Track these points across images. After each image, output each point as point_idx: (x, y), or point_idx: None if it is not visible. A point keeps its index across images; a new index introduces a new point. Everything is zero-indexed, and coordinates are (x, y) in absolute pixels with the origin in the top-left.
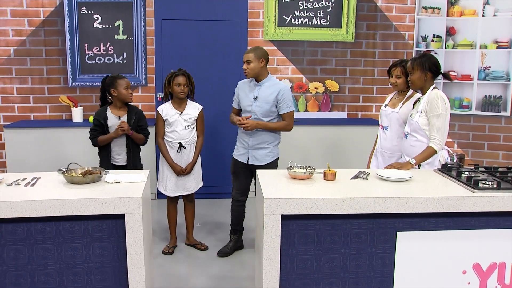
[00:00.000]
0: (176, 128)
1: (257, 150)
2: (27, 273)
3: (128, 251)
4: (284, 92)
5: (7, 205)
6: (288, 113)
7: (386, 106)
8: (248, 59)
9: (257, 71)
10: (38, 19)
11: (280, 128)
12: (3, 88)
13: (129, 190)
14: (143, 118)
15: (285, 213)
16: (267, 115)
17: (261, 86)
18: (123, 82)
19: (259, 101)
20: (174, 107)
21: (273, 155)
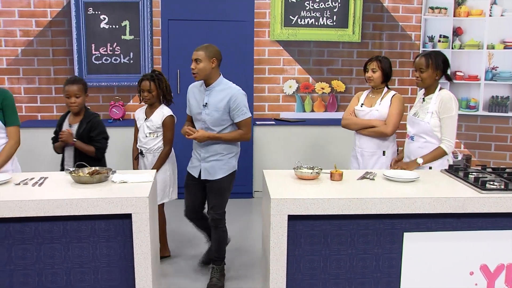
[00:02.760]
0: (140, 134)
1: (209, 163)
2: (35, 272)
3: (135, 251)
4: (237, 98)
5: (15, 204)
6: (244, 121)
7: (362, 105)
8: (198, 57)
9: (207, 73)
10: (45, 20)
11: (235, 139)
12: (10, 88)
13: (136, 190)
14: (97, 128)
15: (292, 213)
16: (218, 124)
17: (211, 91)
18: (66, 90)
19: (209, 109)
20: (145, 111)
21: (227, 169)
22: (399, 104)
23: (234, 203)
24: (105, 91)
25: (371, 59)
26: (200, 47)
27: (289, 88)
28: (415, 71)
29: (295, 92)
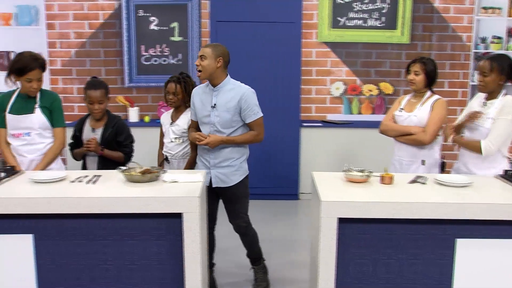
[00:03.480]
0: (165, 140)
1: (221, 169)
2: (88, 267)
3: (185, 250)
4: (248, 97)
5: (71, 201)
6: (256, 121)
7: (402, 110)
8: (203, 54)
9: (211, 72)
10: (97, 22)
11: (248, 140)
12: (64, 88)
13: (186, 190)
14: (123, 132)
15: (342, 216)
16: (228, 126)
17: (219, 91)
18: (89, 95)
19: (218, 110)
20: (171, 116)
21: (241, 173)
22: (441, 110)
23: (279, 205)
24: (154, 91)
25: (415, 60)
26: (208, 44)
27: (336, 90)
28: (478, 75)
29: (342, 94)
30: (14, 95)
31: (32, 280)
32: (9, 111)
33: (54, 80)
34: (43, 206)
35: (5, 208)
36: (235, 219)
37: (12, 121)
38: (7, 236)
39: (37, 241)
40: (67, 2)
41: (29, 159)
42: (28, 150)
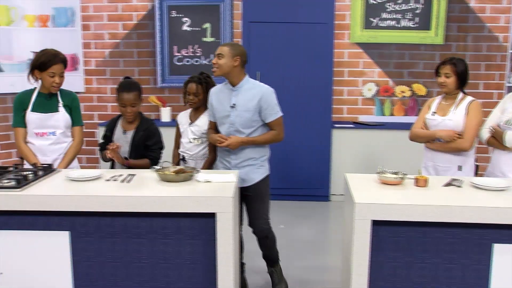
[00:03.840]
0: (183, 140)
1: (242, 169)
2: (123, 265)
3: (218, 250)
4: (268, 96)
5: (107, 199)
6: (276, 121)
7: (435, 114)
8: (221, 52)
9: (227, 70)
10: (131, 23)
11: (269, 140)
12: (98, 88)
13: (220, 190)
14: (153, 137)
15: (376, 219)
16: (248, 126)
17: (239, 91)
18: (121, 98)
19: (237, 109)
20: (189, 116)
21: (262, 172)
22: (477, 113)
23: (309, 206)
24: None
25: (444, 62)
26: (226, 43)
27: (368, 91)
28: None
29: (374, 95)
30: (34, 94)
31: (68, 276)
32: (31, 109)
33: (88, 80)
34: (80, 203)
35: (43, 205)
36: (257, 220)
37: (37, 120)
38: (44, 232)
39: (73, 238)
40: (102, 3)
41: (53, 158)
42: (53, 149)
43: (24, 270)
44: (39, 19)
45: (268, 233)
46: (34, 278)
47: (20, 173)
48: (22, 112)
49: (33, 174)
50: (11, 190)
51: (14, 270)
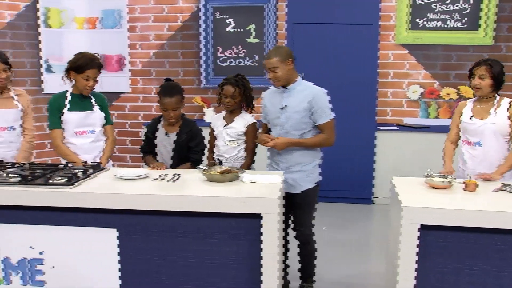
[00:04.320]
0: (218, 142)
1: (292, 174)
2: (169, 263)
3: (263, 251)
4: (320, 98)
5: (153, 198)
6: (327, 123)
7: (473, 118)
8: (272, 65)
9: (287, 77)
10: (176, 24)
11: (318, 143)
12: (143, 88)
13: (266, 191)
14: (196, 138)
15: (424, 223)
16: (298, 128)
17: (290, 92)
18: (163, 102)
19: (288, 111)
20: (223, 118)
21: (312, 180)
22: None
23: (352, 209)
24: None
25: (479, 63)
26: (271, 53)
27: (413, 93)
28: None
29: (420, 98)
30: (68, 95)
31: (116, 272)
32: (69, 109)
33: (134, 80)
34: (128, 202)
35: (92, 203)
36: (301, 226)
37: (76, 119)
38: (93, 229)
39: (121, 235)
40: (148, 5)
41: (93, 156)
42: (93, 147)
43: (73, 265)
44: (88, 21)
45: (310, 240)
46: (83, 273)
47: (70, 171)
48: (59, 113)
49: (83, 172)
50: (62, 187)
51: (65, 265)
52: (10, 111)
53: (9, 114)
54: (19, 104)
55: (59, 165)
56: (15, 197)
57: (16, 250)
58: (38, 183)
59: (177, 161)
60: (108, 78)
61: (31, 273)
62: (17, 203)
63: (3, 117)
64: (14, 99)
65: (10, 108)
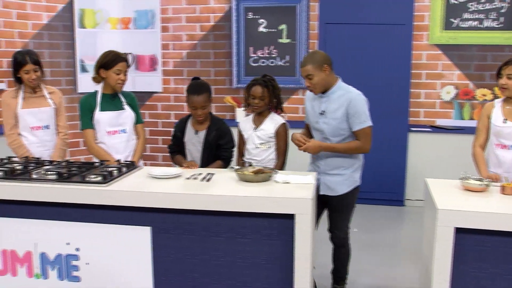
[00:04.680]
0: (248, 146)
1: (330, 177)
2: (201, 262)
3: (295, 251)
4: (357, 103)
5: (187, 197)
6: (363, 130)
7: (506, 121)
8: (308, 73)
9: (324, 84)
10: (208, 24)
11: (351, 150)
12: (175, 88)
13: (299, 191)
14: (225, 136)
15: (460, 226)
16: (336, 134)
17: (329, 97)
18: (192, 100)
19: (326, 117)
20: (252, 120)
21: (349, 183)
22: None
23: (383, 211)
24: None
25: (508, 62)
26: (306, 60)
27: (447, 94)
28: None
29: (453, 99)
30: (98, 95)
31: (149, 270)
32: (100, 109)
33: (166, 80)
34: (162, 200)
35: (127, 201)
36: (337, 229)
37: (108, 119)
38: (127, 227)
39: (154, 233)
40: (181, 5)
41: (125, 155)
42: (125, 146)
43: (107, 262)
44: (122, 22)
45: (345, 243)
46: (117, 270)
47: (105, 169)
48: (90, 113)
49: (117, 171)
50: (98, 185)
51: (99, 261)
52: (44, 109)
53: (43, 112)
54: (51, 102)
55: (94, 163)
56: (52, 194)
57: (53, 246)
58: (74, 181)
59: (206, 159)
60: (140, 78)
61: (67, 268)
62: (54, 200)
63: (38, 116)
64: (47, 97)
65: (44, 106)
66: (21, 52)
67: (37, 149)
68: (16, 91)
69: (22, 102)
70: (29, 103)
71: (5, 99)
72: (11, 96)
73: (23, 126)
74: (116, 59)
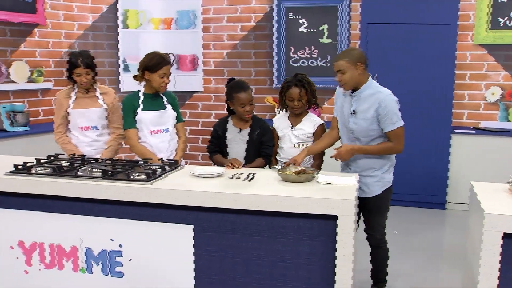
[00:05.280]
0: (284, 145)
1: (362, 178)
2: (242, 261)
3: (337, 252)
4: (387, 104)
5: (229, 196)
6: (394, 132)
7: None
8: (341, 68)
9: (355, 81)
10: (249, 24)
11: (383, 151)
12: (215, 88)
13: (342, 192)
14: (267, 133)
15: (508, 231)
16: (366, 135)
17: (359, 97)
18: (240, 98)
19: (356, 117)
20: (288, 119)
21: (382, 184)
22: None
23: (424, 213)
24: None
25: None
26: (341, 55)
27: (492, 95)
28: None
29: (499, 100)
30: (141, 95)
31: (190, 268)
32: (143, 109)
33: (206, 80)
34: (205, 199)
35: (170, 199)
36: (371, 230)
37: (151, 118)
38: (170, 225)
39: (196, 232)
40: (222, 6)
41: (167, 155)
42: (168, 145)
43: (150, 259)
44: (164, 22)
45: (382, 244)
46: (159, 267)
47: (149, 167)
48: (133, 113)
49: (161, 169)
50: (142, 183)
51: (142, 258)
52: (94, 110)
53: (92, 113)
54: (103, 103)
55: (138, 162)
56: (97, 191)
57: (97, 241)
58: (119, 179)
59: (250, 157)
60: (181, 77)
61: (111, 264)
62: (98, 197)
63: (87, 117)
64: (99, 98)
65: (94, 107)
66: (75, 54)
67: (85, 149)
68: (70, 91)
69: (73, 102)
70: (80, 103)
71: (58, 98)
72: (64, 95)
73: (73, 125)
74: (162, 63)
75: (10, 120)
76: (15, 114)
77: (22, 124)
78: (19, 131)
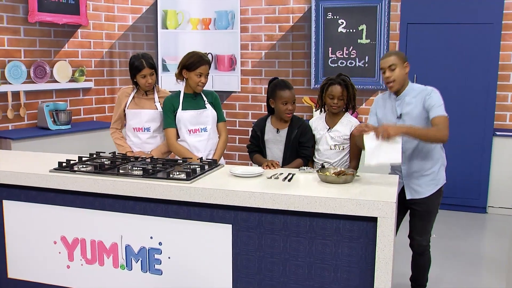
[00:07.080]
0: (320, 147)
1: (416, 180)
2: (280, 261)
3: (377, 255)
4: (432, 95)
5: (268, 196)
6: (439, 117)
7: None
8: (392, 63)
9: (402, 79)
10: (287, 25)
11: (430, 133)
12: (253, 88)
13: (382, 194)
14: (307, 133)
15: None
16: None
17: (403, 99)
18: (284, 95)
19: (404, 120)
20: (325, 121)
21: (436, 182)
22: None
23: (464, 217)
24: None
25: None
26: (390, 53)
27: None
28: None
29: None
30: (181, 95)
31: (228, 267)
32: (182, 108)
33: (244, 80)
34: (244, 199)
35: (209, 198)
36: (419, 235)
37: (190, 118)
38: (209, 224)
39: (235, 231)
40: (260, 6)
41: (205, 154)
42: (206, 145)
43: (188, 258)
44: (202, 22)
45: (426, 251)
46: (197, 266)
47: (189, 166)
48: (173, 113)
49: (200, 168)
50: (181, 181)
51: (180, 256)
52: (147, 112)
53: (145, 115)
54: (159, 105)
55: (178, 161)
56: (138, 189)
57: (137, 239)
58: (159, 177)
59: (288, 157)
60: (219, 77)
61: (150, 261)
62: (139, 195)
63: (139, 118)
64: (156, 100)
65: (148, 109)
66: (137, 56)
67: (136, 150)
68: (131, 90)
69: (131, 101)
70: (136, 104)
71: (119, 95)
72: (125, 93)
73: (128, 125)
74: (200, 62)
75: (53, 118)
76: (58, 112)
77: (65, 122)
78: (62, 129)
